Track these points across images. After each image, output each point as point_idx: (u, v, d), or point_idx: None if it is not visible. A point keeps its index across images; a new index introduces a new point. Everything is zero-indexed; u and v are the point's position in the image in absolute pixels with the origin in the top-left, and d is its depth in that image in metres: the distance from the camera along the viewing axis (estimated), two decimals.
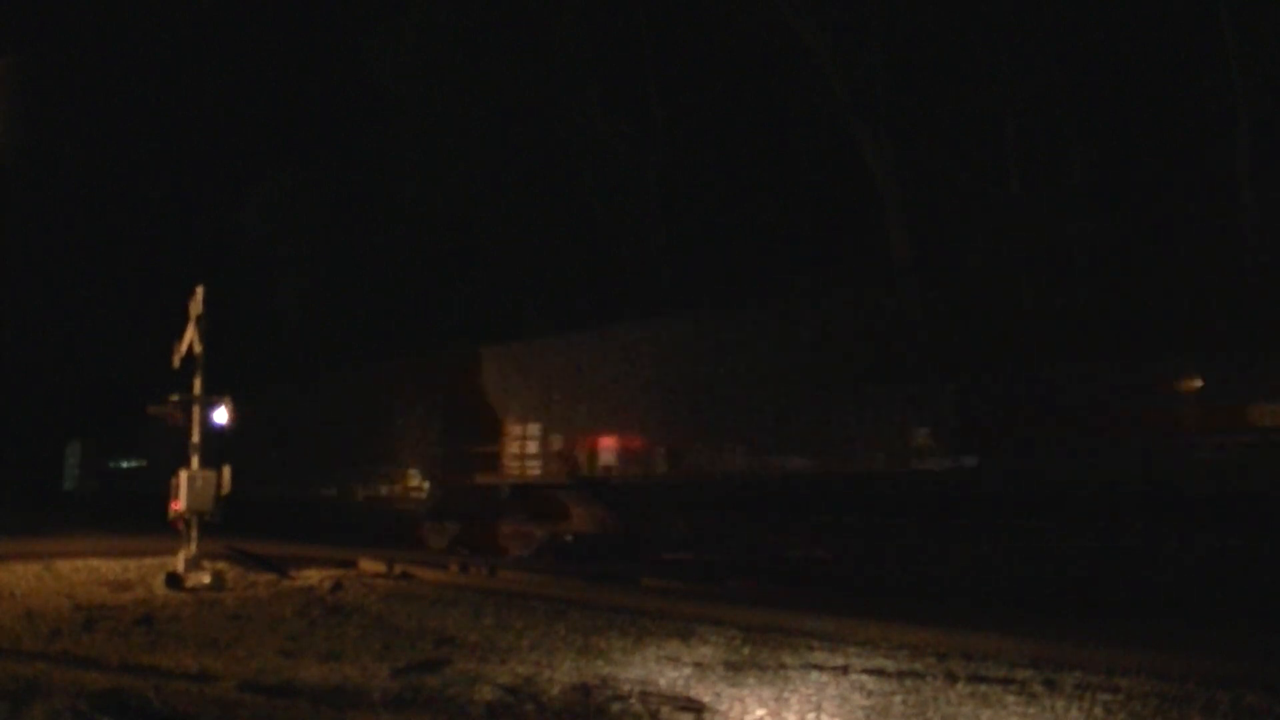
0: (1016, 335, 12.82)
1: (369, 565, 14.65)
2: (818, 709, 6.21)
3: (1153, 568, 10.61)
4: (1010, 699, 6.39)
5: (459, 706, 6.13)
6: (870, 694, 6.57)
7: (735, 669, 7.35)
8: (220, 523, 13.41)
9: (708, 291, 23.07)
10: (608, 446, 17.07)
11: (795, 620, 9.32)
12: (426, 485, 20.96)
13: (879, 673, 7.17)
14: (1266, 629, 8.63)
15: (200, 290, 13.46)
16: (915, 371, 13.45)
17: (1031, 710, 6.13)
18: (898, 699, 6.44)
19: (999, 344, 12.92)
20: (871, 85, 21.45)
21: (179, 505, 12.97)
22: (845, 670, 7.27)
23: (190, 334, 13.39)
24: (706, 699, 6.40)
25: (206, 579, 12.46)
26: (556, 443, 17.97)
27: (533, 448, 18.42)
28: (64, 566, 13.80)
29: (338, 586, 12.41)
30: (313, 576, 13.34)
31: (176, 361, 13.60)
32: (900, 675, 7.08)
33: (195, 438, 13.49)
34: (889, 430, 13.38)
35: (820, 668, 7.37)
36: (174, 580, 12.28)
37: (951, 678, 6.96)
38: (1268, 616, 9.00)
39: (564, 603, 10.99)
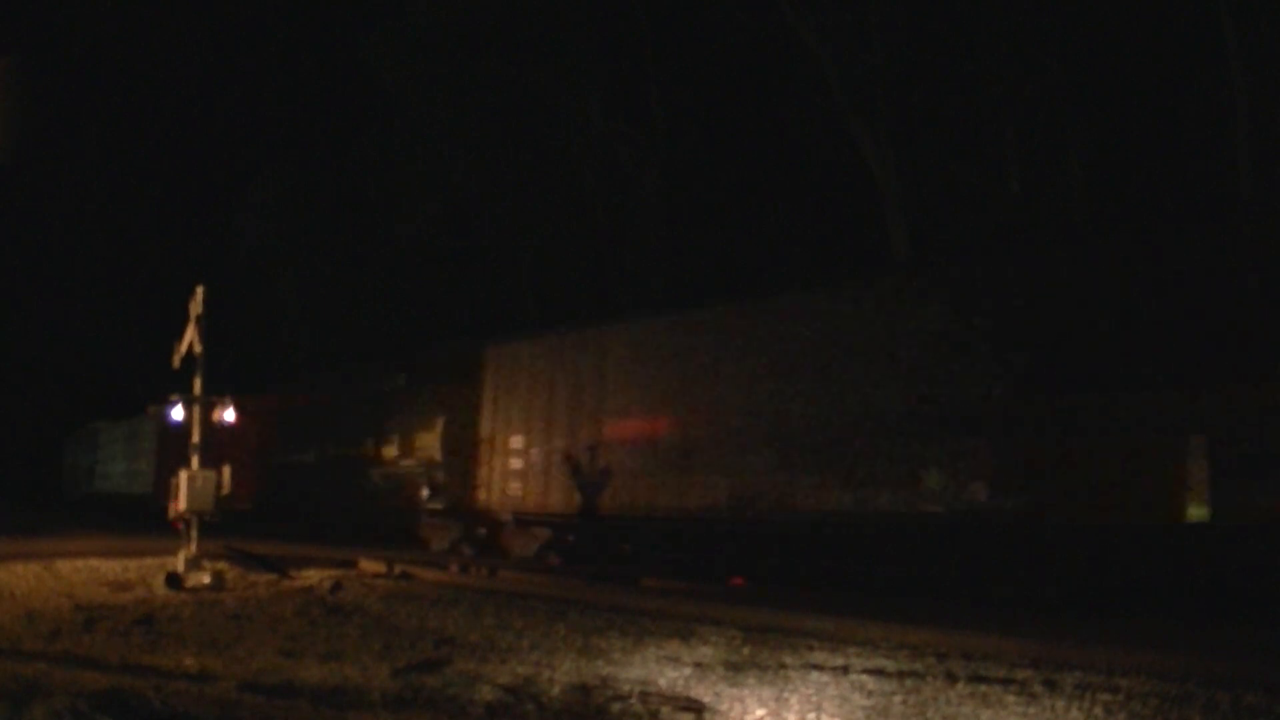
0: None
1: (369, 565, 14.65)
2: (818, 709, 6.21)
3: None
4: (1010, 699, 6.39)
5: (459, 706, 6.13)
6: (870, 694, 6.57)
7: (735, 669, 7.35)
8: (222, 522, 13.44)
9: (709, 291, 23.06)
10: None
11: (795, 620, 9.32)
12: None
13: (879, 673, 7.17)
14: (1267, 629, 8.62)
15: (200, 290, 13.46)
16: None
17: (1031, 710, 6.13)
18: (898, 699, 6.44)
19: None
20: (871, 85, 21.45)
21: (179, 505, 12.97)
22: (845, 670, 7.27)
23: (190, 334, 13.39)
24: (706, 699, 6.40)
25: (206, 579, 12.46)
26: None
27: None
28: (64, 566, 13.80)
29: (338, 586, 12.41)
30: (313, 576, 13.34)
31: (176, 361, 13.61)
32: (900, 675, 7.08)
33: (195, 438, 13.50)
34: None
35: (820, 668, 7.38)
36: (174, 580, 12.28)
37: (951, 678, 6.96)
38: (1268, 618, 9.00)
39: (564, 603, 10.99)
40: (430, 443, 19.13)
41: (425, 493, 18.79)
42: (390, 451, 20.49)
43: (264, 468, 25.18)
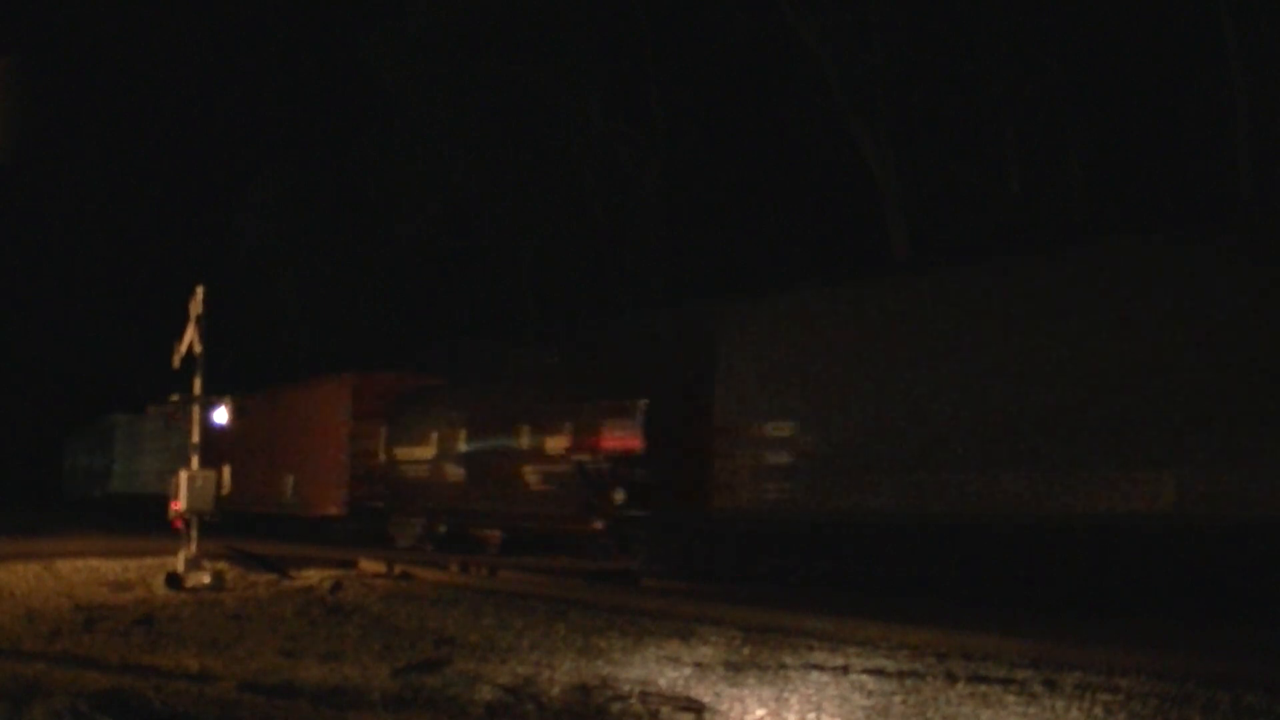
0: None
1: (369, 565, 14.65)
2: (818, 709, 6.21)
3: None
4: (1010, 699, 6.39)
5: (459, 706, 6.13)
6: (870, 694, 6.57)
7: (735, 669, 7.34)
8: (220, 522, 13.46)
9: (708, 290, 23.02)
10: None
11: (795, 620, 9.32)
12: None
13: (879, 673, 7.17)
14: (1267, 629, 8.62)
15: (200, 290, 13.47)
16: None
17: (1031, 710, 6.13)
18: (898, 699, 6.44)
19: None
20: (871, 85, 21.46)
21: (179, 505, 12.97)
22: (845, 670, 7.27)
23: (190, 334, 13.40)
24: (706, 699, 6.39)
25: (206, 579, 12.46)
26: None
27: None
28: (64, 566, 13.80)
29: (338, 586, 12.41)
30: (313, 576, 13.33)
31: (176, 362, 13.62)
32: (900, 675, 7.08)
33: (195, 438, 13.51)
34: None
35: (820, 668, 7.37)
36: (174, 580, 12.28)
37: (951, 678, 6.96)
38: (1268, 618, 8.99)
39: (564, 603, 10.98)
40: (626, 432, 15.13)
41: (619, 495, 15.07)
42: (557, 443, 16.34)
43: (361, 465, 21.27)
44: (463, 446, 18.57)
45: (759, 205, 25.61)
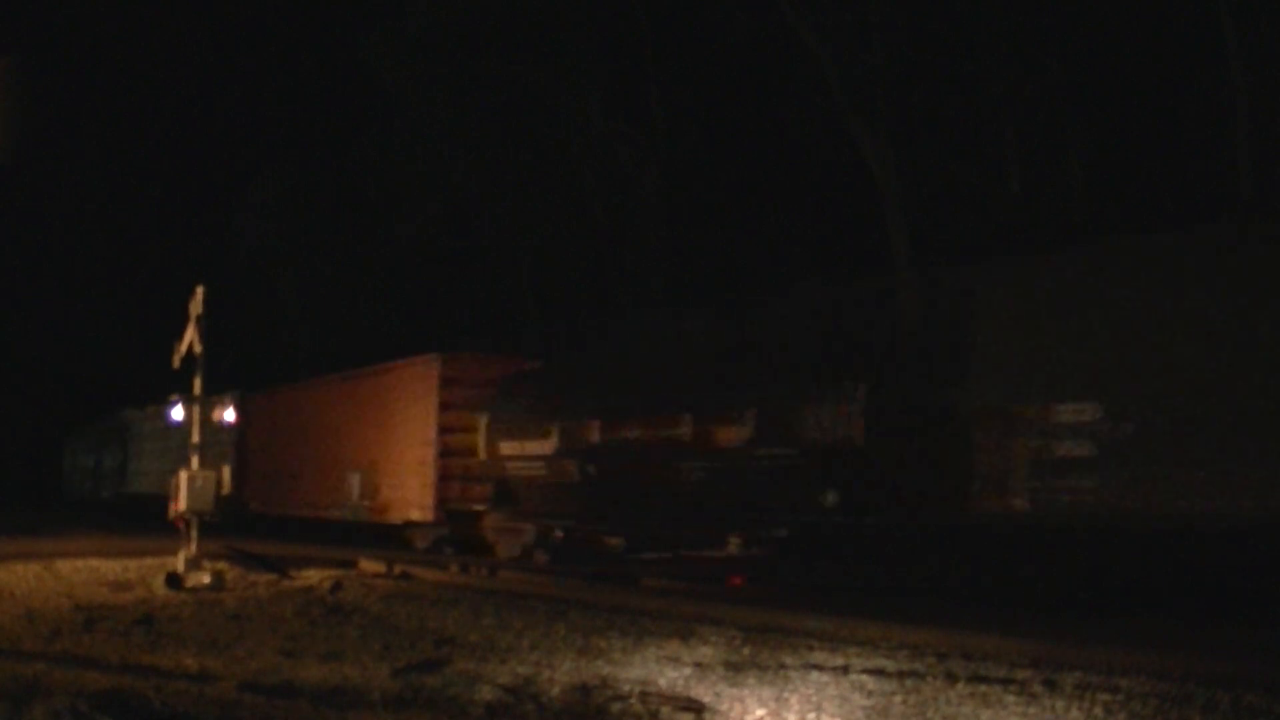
0: None
1: (369, 565, 14.66)
2: (818, 709, 6.21)
3: None
4: (1010, 699, 6.39)
5: (459, 706, 6.13)
6: (870, 694, 6.57)
7: (735, 669, 7.34)
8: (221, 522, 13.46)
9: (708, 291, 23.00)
10: None
11: (795, 620, 9.33)
12: None
13: (879, 673, 7.17)
14: (1266, 629, 8.62)
15: (200, 290, 13.47)
16: None
17: (1031, 710, 6.13)
18: (898, 699, 6.44)
19: None
20: (871, 85, 21.46)
21: (179, 505, 12.98)
22: (845, 670, 7.27)
23: (190, 334, 13.40)
24: (706, 699, 6.40)
25: (206, 579, 12.46)
26: None
27: None
28: (64, 566, 13.81)
29: (338, 586, 12.41)
30: (313, 576, 13.34)
31: (176, 362, 13.63)
32: (900, 675, 7.08)
33: (195, 438, 13.51)
34: None
35: (820, 668, 7.37)
36: (174, 580, 12.29)
37: (951, 678, 6.96)
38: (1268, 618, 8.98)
39: (564, 603, 10.99)
40: (837, 419, 12.75)
41: (831, 498, 12.92)
42: (731, 434, 14.00)
43: (455, 462, 18.41)
44: (595, 439, 15.86)
45: (759, 205, 25.59)
